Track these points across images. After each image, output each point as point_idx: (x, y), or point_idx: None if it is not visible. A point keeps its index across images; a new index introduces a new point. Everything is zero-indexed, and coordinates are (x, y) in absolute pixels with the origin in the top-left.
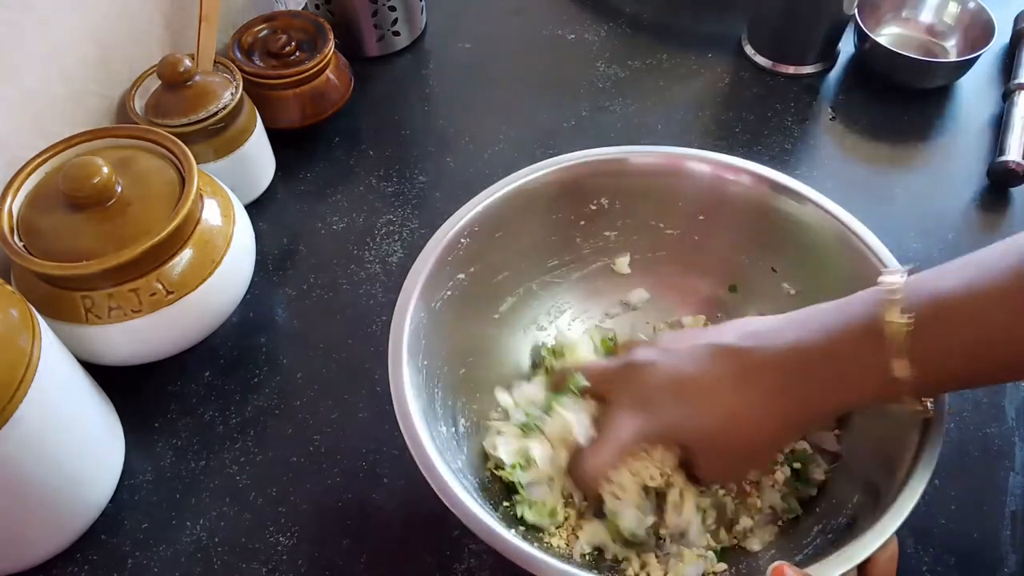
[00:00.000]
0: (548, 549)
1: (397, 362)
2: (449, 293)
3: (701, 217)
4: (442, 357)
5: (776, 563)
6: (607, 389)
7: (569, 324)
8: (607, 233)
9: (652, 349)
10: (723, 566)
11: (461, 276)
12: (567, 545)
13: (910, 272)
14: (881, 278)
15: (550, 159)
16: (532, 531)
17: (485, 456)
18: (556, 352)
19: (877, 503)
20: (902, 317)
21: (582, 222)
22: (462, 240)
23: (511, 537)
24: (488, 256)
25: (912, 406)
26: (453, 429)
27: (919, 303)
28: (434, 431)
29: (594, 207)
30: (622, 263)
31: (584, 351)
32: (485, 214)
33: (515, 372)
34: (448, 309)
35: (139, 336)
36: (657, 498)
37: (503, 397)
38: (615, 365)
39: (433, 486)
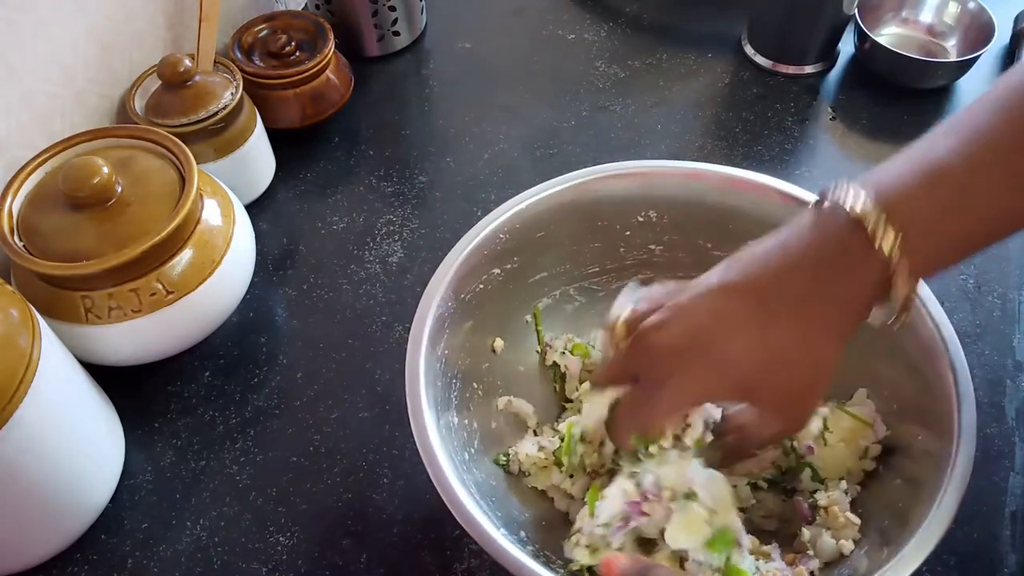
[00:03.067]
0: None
1: (416, 347)
2: (481, 287)
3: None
4: (465, 349)
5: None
6: (633, 367)
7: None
8: (652, 247)
9: (655, 314)
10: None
11: (496, 271)
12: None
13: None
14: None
15: (604, 165)
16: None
17: (494, 450)
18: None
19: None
20: (887, 232)
21: (627, 232)
22: (501, 235)
23: (507, 544)
24: (527, 254)
25: (906, 293)
26: (465, 421)
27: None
28: (444, 419)
29: (641, 219)
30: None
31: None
32: (529, 212)
33: (539, 377)
34: (479, 303)
35: (139, 336)
36: None
37: (526, 446)
38: (630, 344)
39: (431, 474)
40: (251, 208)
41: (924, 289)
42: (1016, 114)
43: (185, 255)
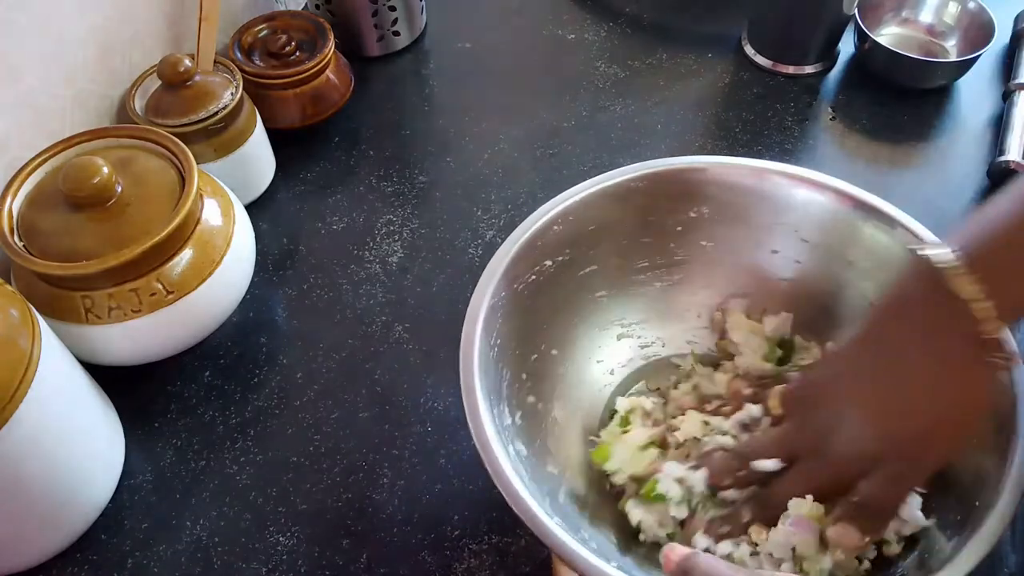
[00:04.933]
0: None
1: (470, 337)
2: (534, 278)
3: (805, 240)
4: (516, 339)
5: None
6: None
7: (655, 339)
8: (704, 243)
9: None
10: None
11: (548, 263)
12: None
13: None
14: (921, 251)
15: (656, 160)
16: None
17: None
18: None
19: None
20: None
21: (679, 228)
22: (554, 228)
23: (561, 534)
24: (579, 247)
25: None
26: (518, 412)
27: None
28: (496, 411)
29: (694, 214)
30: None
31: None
32: (582, 203)
33: (590, 370)
34: (531, 294)
35: (139, 336)
36: None
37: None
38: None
39: (488, 466)
40: (251, 208)
41: None
42: None
43: (185, 255)
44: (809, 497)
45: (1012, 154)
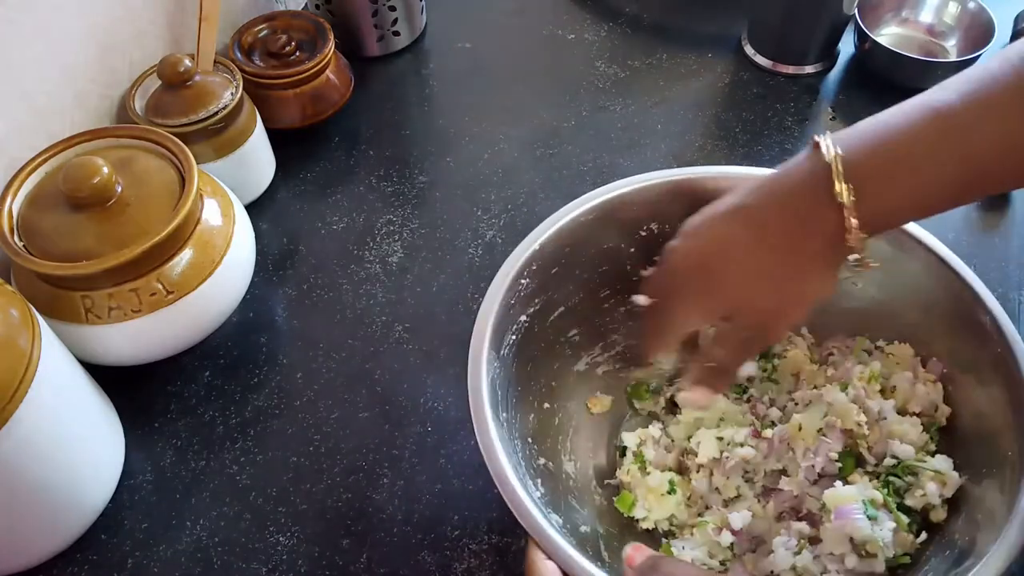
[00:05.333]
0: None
1: (482, 418)
2: (515, 338)
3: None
4: (517, 406)
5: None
6: (656, 284)
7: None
8: (657, 257)
9: (677, 237)
10: None
11: (523, 318)
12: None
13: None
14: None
15: (599, 188)
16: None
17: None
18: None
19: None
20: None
21: (632, 248)
22: (522, 281)
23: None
24: (546, 293)
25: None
26: (538, 480)
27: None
28: (528, 486)
29: (644, 233)
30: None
31: None
32: (542, 250)
33: (581, 412)
34: (515, 354)
35: (139, 336)
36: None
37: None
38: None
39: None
40: (251, 208)
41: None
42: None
43: (185, 255)
44: (838, 483)
45: None
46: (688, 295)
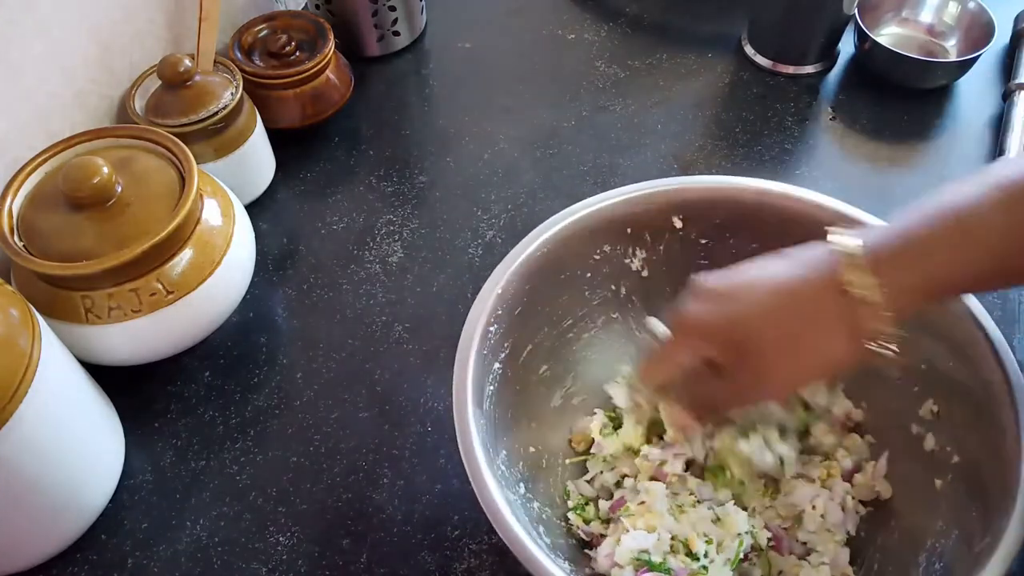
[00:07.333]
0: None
1: (480, 479)
2: (492, 388)
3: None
4: (508, 457)
5: None
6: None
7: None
8: (613, 286)
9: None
10: None
11: (497, 366)
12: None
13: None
14: (834, 238)
15: (545, 222)
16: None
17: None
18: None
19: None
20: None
21: (588, 274)
22: (491, 329)
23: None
24: (513, 334)
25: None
26: (540, 528)
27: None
28: (535, 537)
29: (598, 256)
30: None
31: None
32: (504, 292)
33: (564, 450)
34: (495, 403)
35: (139, 336)
36: None
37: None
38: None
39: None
40: (251, 208)
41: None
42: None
43: (185, 255)
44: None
45: (1012, 154)
46: (712, 349)
